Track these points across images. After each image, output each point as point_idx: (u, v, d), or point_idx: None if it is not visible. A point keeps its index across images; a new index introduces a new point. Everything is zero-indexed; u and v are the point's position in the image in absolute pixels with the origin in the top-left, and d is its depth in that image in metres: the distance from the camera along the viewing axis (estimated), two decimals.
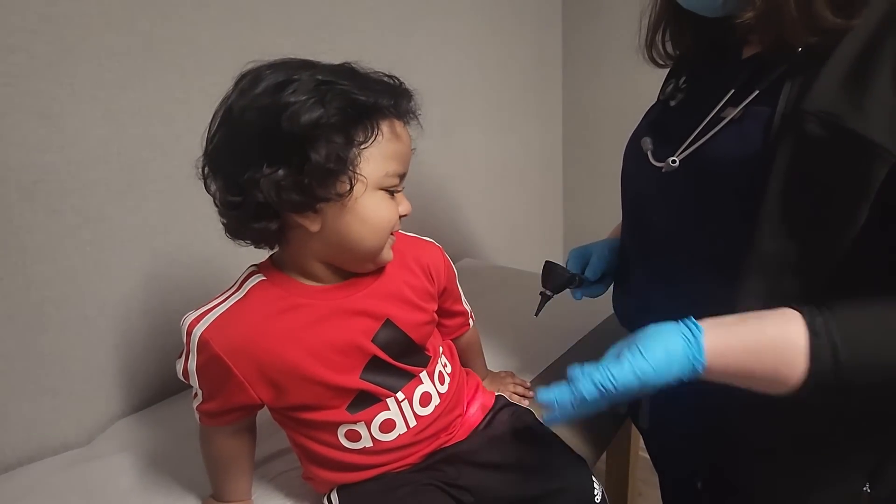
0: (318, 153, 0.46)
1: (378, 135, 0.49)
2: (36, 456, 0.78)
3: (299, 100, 0.45)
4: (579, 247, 0.77)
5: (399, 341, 0.56)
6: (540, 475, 0.60)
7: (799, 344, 0.41)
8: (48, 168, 0.73)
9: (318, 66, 0.49)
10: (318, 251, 0.53)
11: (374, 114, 0.49)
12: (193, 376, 0.53)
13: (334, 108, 0.46)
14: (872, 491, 0.49)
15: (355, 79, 0.49)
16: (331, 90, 0.46)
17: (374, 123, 0.49)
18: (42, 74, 0.71)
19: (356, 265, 0.55)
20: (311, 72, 0.47)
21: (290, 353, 0.52)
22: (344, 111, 0.46)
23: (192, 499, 0.66)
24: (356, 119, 0.48)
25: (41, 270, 0.75)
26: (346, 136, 0.47)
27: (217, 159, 0.49)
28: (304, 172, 0.46)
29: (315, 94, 0.45)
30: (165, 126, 0.83)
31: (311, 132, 0.45)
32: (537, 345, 0.95)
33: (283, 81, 0.46)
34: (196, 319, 0.51)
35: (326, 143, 0.46)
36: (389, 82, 0.51)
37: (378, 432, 0.56)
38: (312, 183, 0.46)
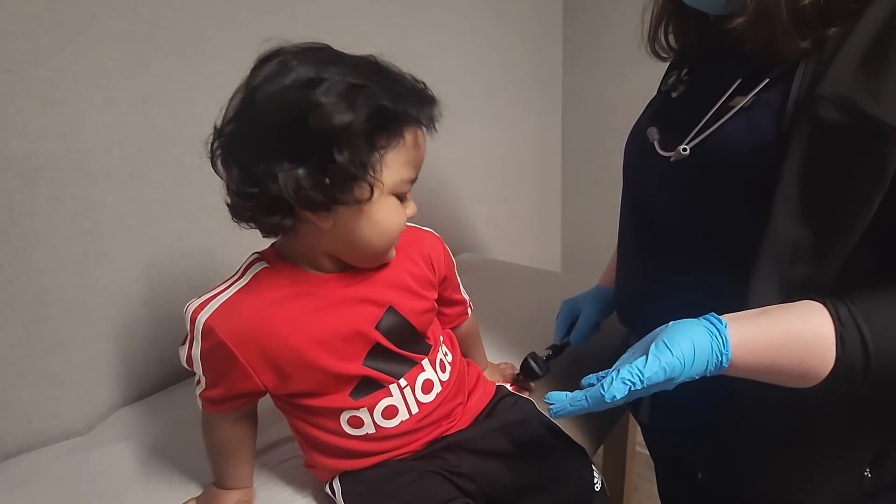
0: (343, 156, 0.45)
1: (400, 142, 0.49)
2: (36, 444, 0.78)
3: (329, 101, 0.44)
4: (570, 300, 0.78)
5: (401, 328, 0.57)
6: (540, 463, 0.61)
7: (826, 334, 0.41)
8: (49, 156, 0.73)
9: (347, 62, 0.48)
10: (326, 246, 0.53)
11: (399, 121, 0.49)
12: (197, 363, 0.53)
13: (364, 113, 0.45)
14: (873, 476, 0.49)
15: (385, 82, 0.48)
16: (362, 95, 0.45)
17: (398, 130, 0.49)
18: (44, 62, 0.71)
19: (361, 262, 0.55)
20: (340, 69, 0.46)
21: (294, 339, 0.52)
22: (373, 117, 0.46)
23: (192, 487, 0.66)
24: (383, 126, 0.47)
25: (42, 258, 0.75)
26: (371, 142, 0.47)
27: (234, 146, 0.48)
28: (325, 173, 0.46)
29: (346, 98, 0.45)
30: (167, 115, 0.83)
31: (339, 135, 0.45)
32: (537, 338, 0.95)
33: (313, 78, 0.45)
34: (200, 306, 0.52)
35: (352, 148, 0.45)
36: (418, 88, 0.51)
37: (381, 418, 0.57)
38: (333, 185, 0.46)
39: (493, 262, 1.35)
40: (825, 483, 0.50)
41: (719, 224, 0.51)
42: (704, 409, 0.55)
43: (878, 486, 0.49)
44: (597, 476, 0.63)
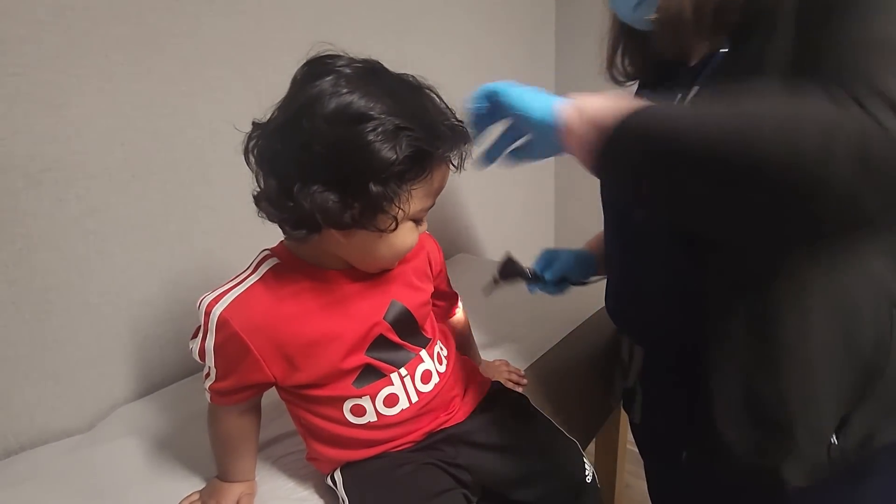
0: (377, 189, 0.48)
1: (430, 176, 0.52)
2: (38, 441, 0.79)
3: (376, 140, 0.47)
4: (552, 249, 0.81)
5: (404, 320, 0.59)
6: (533, 455, 0.63)
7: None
8: (54, 157, 0.74)
9: (397, 96, 0.49)
10: (340, 253, 0.55)
11: (433, 161, 0.51)
12: (210, 355, 0.55)
13: (405, 156, 0.48)
14: (839, 443, 0.51)
15: (427, 122, 0.50)
16: (406, 137, 0.48)
17: (429, 168, 0.51)
18: (50, 65, 0.72)
19: (368, 269, 0.58)
20: (389, 105, 0.48)
21: (306, 331, 0.54)
22: (412, 159, 0.49)
23: (193, 482, 0.67)
24: (418, 165, 0.50)
25: (45, 258, 0.76)
26: (402, 178, 0.49)
27: (275, 159, 0.50)
28: (357, 202, 0.48)
29: (391, 140, 0.47)
30: (169, 118, 0.85)
31: (380, 173, 0.47)
32: (530, 336, 0.98)
33: (364, 114, 0.47)
34: (215, 300, 0.54)
35: (385, 184, 0.48)
36: (456, 127, 0.53)
37: (382, 406, 0.59)
38: (362, 213, 0.49)
39: (487, 262, 1.37)
40: (796, 452, 0.51)
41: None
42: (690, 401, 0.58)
43: (846, 454, 0.51)
44: (588, 468, 0.66)
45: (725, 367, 0.53)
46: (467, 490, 0.60)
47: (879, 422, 0.50)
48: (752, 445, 0.54)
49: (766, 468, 0.53)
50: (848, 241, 0.48)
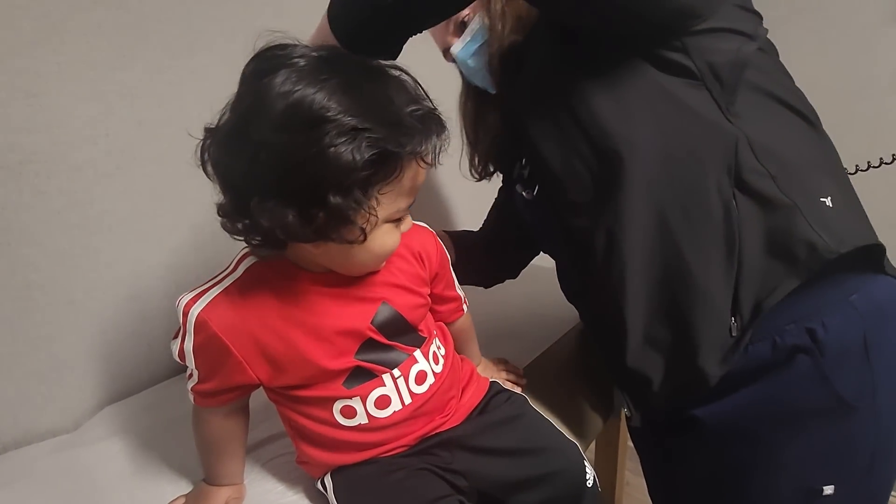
0: (336, 199, 0.44)
1: (401, 175, 0.47)
2: (23, 441, 0.77)
3: (332, 145, 0.42)
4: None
5: (394, 322, 0.56)
6: (533, 459, 0.61)
7: None
8: (34, 148, 0.72)
9: (357, 91, 0.44)
10: (317, 260, 0.53)
11: (401, 160, 0.47)
12: (190, 357, 0.52)
13: (364, 160, 0.43)
14: (737, 321, 0.57)
15: (393, 118, 0.45)
16: (366, 139, 0.43)
17: (398, 167, 0.47)
18: (28, 52, 0.69)
19: (350, 274, 0.55)
20: (345, 104, 0.43)
21: (288, 333, 0.52)
22: (374, 163, 0.44)
23: (181, 485, 0.65)
24: (382, 167, 0.45)
25: (27, 253, 0.73)
26: (368, 183, 0.45)
27: (227, 173, 0.46)
28: (318, 214, 0.44)
29: (348, 143, 0.42)
30: (155, 108, 0.82)
31: (338, 182, 0.43)
32: (531, 333, 0.95)
33: (317, 117, 0.42)
34: (192, 300, 0.51)
35: (347, 193, 0.44)
36: (426, 118, 0.48)
37: (373, 408, 0.56)
38: (324, 226, 0.45)
39: None
40: (708, 343, 0.58)
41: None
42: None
43: (744, 330, 0.56)
44: (589, 471, 0.63)
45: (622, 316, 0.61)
46: (463, 496, 0.58)
47: (761, 291, 0.56)
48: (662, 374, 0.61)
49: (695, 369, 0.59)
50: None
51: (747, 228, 0.56)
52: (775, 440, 0.60)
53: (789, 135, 0.59)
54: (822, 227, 0.55)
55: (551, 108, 0.62)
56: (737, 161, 0.56)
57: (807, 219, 0.55)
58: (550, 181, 0.65)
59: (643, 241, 0.59)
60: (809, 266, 0.55)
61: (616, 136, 0.57)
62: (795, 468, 0.59)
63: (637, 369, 0.62)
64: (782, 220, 0.55)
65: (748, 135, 0.56)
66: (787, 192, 0.55)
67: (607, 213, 0.60)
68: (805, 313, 0.56)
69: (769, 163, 0.56)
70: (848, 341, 0.56)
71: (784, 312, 0.56)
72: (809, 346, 0.56)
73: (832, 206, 0.56)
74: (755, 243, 0.56)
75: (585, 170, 0.61)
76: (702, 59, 0.56)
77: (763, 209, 0.56)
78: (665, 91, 0.57)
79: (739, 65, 0.56)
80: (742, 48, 0.57)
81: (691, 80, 0.56)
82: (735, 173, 0.56)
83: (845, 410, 0.57)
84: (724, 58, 0.56)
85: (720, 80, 0.56)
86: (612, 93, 0.58)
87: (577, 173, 0.61)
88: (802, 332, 0.56)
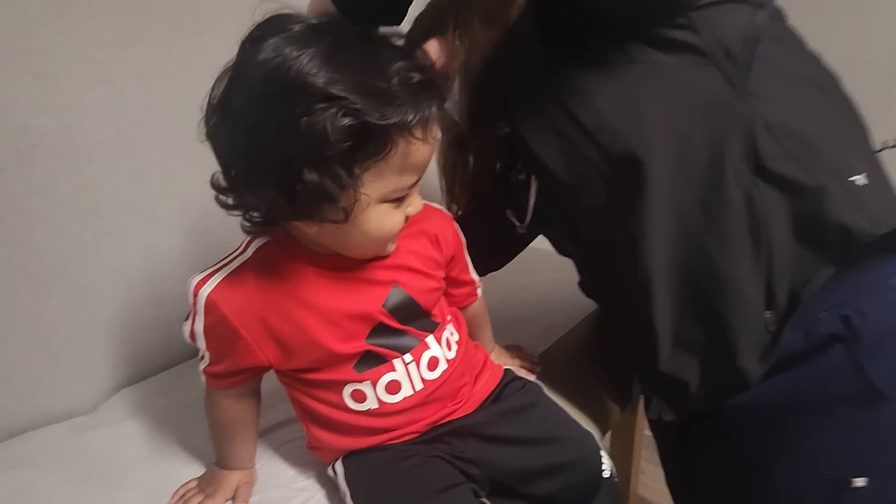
0: (315, 176, 0.41)
1: (391, 152, 0.43)
2: (41, 422, 0.77)
3: (304, 115, 0.39)
4: None
5: (406, 306, 0.55)
6: (548, 448, 0.59)
7: None
8: (44, 131, 0.71)
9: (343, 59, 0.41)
10: (318, 240, 0.51)
11: (389, 132, 0.43)
12: (200, 338, 0.52)
13: (343, 131, 0.40)
14: (772, 315, 0.54)
15: (375, 81, 0.41)
16: (342, 108, 0.40)
17: (387, 141, 0.43)
18: (34, 32, 0.68)
19: (355, 257, 0.53)
20: (328, 72, 0.40)
21: (298, 315, 0.51)
22: (354, 134, 0.41)
23: (195, 467, 0.66)
24: (365, 141, 0.42)
25: (40, 237, 0.73)
26: (350, 158, 0.42)
27: (215, 145, 0.45)
28: (299, 192, 0.42)
29: (323, 113, 0.39)
30: (164, 89, 0.81)
31: (313, 156, 0.41)
32: (546, 319, 0.93)
33: (293, 87, 0.40)
34: (202, 280, 0.50)
35: (325, 169, 0.41)
36: (418, 85, 0.44)
37: (384, 393, 0.55)
38: (307, 204, 0.43)
39: None
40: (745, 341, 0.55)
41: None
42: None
43: (780, 323, 0.54)
44: (605, 461, 0.62)
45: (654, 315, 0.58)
46: (476, 485, 0.57)
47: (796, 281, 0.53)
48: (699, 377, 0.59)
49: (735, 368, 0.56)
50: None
51: (773, 217, 0.52)
52: (802, 428, 0.57)
53: (810, 110, 0.54)
54: (855, 209, 0.51)
55: (549, 116, 0.57)
56: (755, 147, 0.51)
57: (837, 201, 0.51)
58: (561, 192, 0.61)
59: (665, 242, 0.55)
60: (844, 251, 0.51)
61: (629, 138, 0.53)
62: (823, 458, 0.57)
63: (671, 374, 0.59)
64: (810, 204, 0.51)
65: (765, 116, 0.51)
66: (812, 175, 0.51)
67: (626, 217, 0.56)
68: (840, 300, 0.53)
69: (790, 144, 0.51)
70: (886, 328, 0.53)
71: (817, 300, 0.53)
72: (845, 335, 0.53)
73: (864, 184, 0.52)
74: (783, 232, 0.52)
75: (598, 176, 0.56)
76: (711, 35, 0.50)
77: (788, 195, 0.52)
78: (671, 76, 0.52)
79: (752, 38, 0.51)
80: (754, 19, 0.51)
81: (700, 59, 0.51)
82: (754, 160, 0.51)
83: (879, 400, 0.54)
84: (735, 32, 0.51)
85: (732, 58, 0.50)
86: (614, 88, 0.53)
87: (589, 180, 0.57)
88: (837, 320, 0.53)
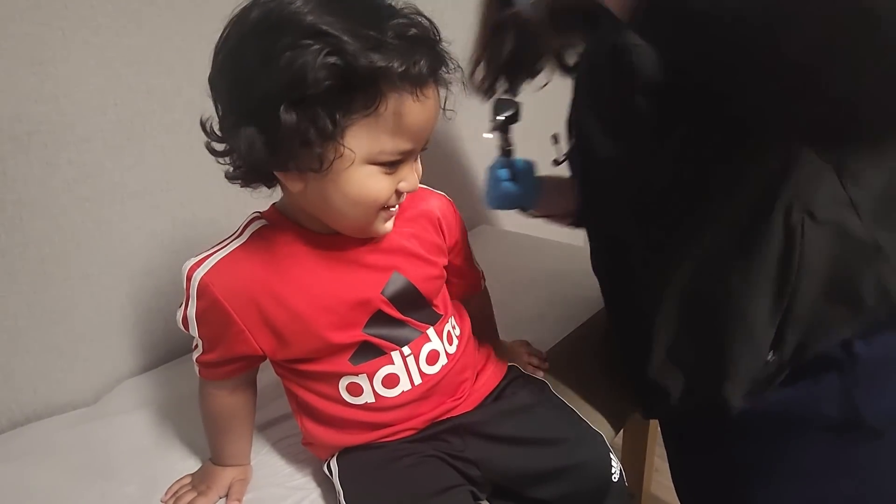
0: (292, 117, 0.39)
1: (379, 107, 0.41)
2: (43, 413, 0.77)
3: (287, 50, 0.38)
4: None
5: (407, 294, 0.53)
6: (553, 450, 0.57)
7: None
8: (41, 119, 0.70)
9: (336, 4, 0.40)
10: (306, 208, 0.49)
11: (377, 81, 0.40)
12: (193, 324, 0.50)
13: (325, 69, 0.38)
14: (775, 357, 0.52)
15: (368, 27, 0.39)
16: (328, 44, 0.38)
17: (376, 93, 0.41)
18: (29, 17, 0.66)
19: (345, 231, 0.50)
20: (319, 8, 0.39)
21: (294, 301, 0.49)
22: (336, 75, 0.39)
23: (195, 460, 0.65)
24: (352, 85, 0.40)
25: (39, 226, 0.73)
26: (332, 103, 0.40)
27: (213, 86, 0.45)
28: (277, 134, 0.40)
29: (306, 48, 0.38)
30: (164, 76, 0.79)
31: (290, 93, 0.39)
32: (554, 315, 0.90)
33: (283, 19, 0.38)
34: (196, 264, 0.49)
35: (306, 109, 0.39)
36: (413, 37, 0.41)
37: (380, 387, 0.53)
38: (286, 148, 0.41)
39: (511, 234, 1.29)
40: (738, 372, 0.53)
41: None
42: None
43: (780, 367, 0.52)
44: (615, 465, 0.59)
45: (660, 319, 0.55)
46: (475, 487, 0.54)
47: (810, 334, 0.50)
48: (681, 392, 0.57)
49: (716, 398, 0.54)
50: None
51: (810, 264, 0.47)
52: (787, 447, 0.54)
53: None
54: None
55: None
56: (817, 183, 0.46)
57: (890, 261, 0.46)
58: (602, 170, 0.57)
59: (689, 260, 0.52)
60: (876, 314, 0.47)
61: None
62: (803, 481, 0.54)
63: (657, 381, 0.58)
64: (856, 258, 0.47)
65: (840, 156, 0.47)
66: (869, 226, 0.46)
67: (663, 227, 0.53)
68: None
69: (854, 189, 0.46)
70: (881, 361, 0.50)
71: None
72: (842, 361, 0.50)
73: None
74: (816, 280, 0.48)
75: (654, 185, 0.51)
76: None
77: (835, 244, 0.47)
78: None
79: None
80: None
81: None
82: (810, 197, 0.46)
83: (864, 431, 0.50)
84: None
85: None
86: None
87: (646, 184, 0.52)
88: (836, 345, 0.50)
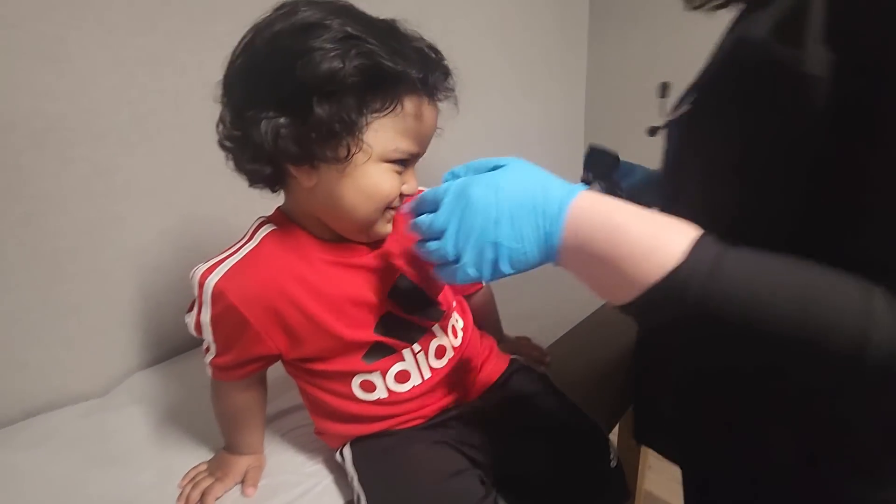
0: (324, 109, 0.43)
1: (397, 107, 0.46)
2: (56, 404, 0.78)
3: (322, 48, 0.42)
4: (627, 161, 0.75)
5: (413, 295, 0.55)
6: (554, 437, 0.59)
7: (683, 236, 0.35)
8: (57, 116, 0.71)
9: (355, 15, 0.45)
10: (312, 207, 0.51)
11: (398, 84, 0.45)
12: (207, 329, 0.51)
13: (354, 66, 0.43)
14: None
15: (390, 40, 0.45)
16: (357, 46, 0.43)
17: (395, 94, 0.46)
18: (48, 16, 0.68)
19: (348, 232, 0.52)
20: (344, 20, 0.44)
21: (306, 302, 0.51)
22: (364, 72, 0.43)
23: (205, 451, 0.66)
24: (376, 85, 0.44)
25: (54, 221, 0.74)
26: (359, 99, 0.44)
27: (231, 86, 0.47)
28: (306, 125, 0.43)
29: (339, 47, 0.42)
30: (177, 76, 0.81)
31: (324, 86, 0.43)
32: (555, 312, 0.93)
33: (312, 24, 0.43)
34: (208, 270, 0.50)
35: (335, 102, 0.43)
36: (427, 53, 0.47)
37: (393, 383, 0.55)
38: (312, 139, 0.44)
39: None
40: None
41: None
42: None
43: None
44: (612, 452, 0.61)
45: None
46: (481, 471, 0.56)
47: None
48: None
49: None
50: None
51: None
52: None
53: None
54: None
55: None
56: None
57: None
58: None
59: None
60: None
61: None
62: None
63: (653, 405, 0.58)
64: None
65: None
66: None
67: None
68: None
69: None
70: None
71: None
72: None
73: None
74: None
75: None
76: None
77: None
78: None
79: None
80: None
81: None
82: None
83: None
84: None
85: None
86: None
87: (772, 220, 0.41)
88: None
